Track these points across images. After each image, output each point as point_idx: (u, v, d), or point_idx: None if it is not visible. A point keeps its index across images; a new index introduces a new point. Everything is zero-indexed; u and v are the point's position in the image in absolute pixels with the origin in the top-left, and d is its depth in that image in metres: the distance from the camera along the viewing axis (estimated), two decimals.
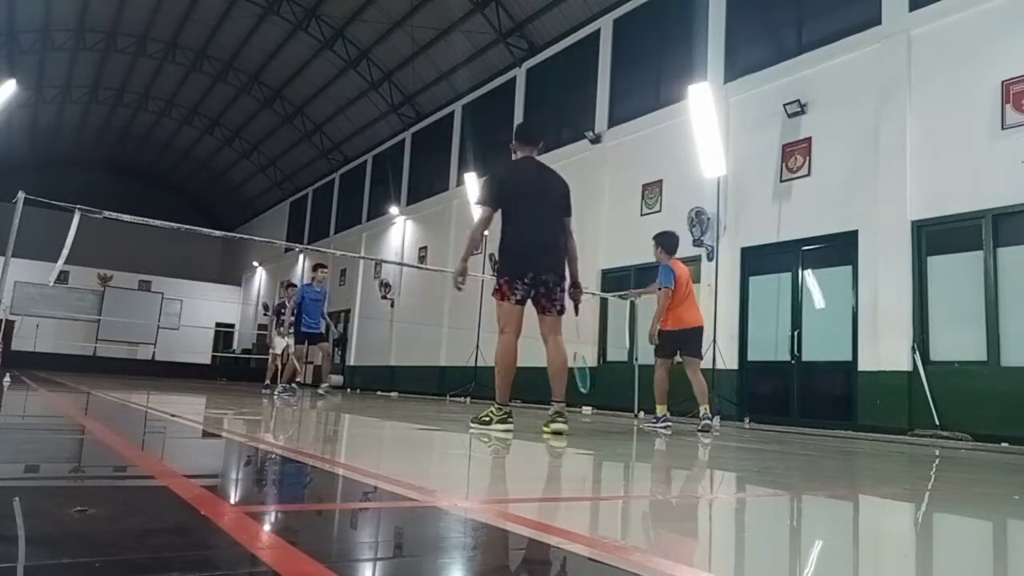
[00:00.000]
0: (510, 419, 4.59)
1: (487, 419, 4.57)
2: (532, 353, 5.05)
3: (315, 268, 11.09)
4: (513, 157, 5.00)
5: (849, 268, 9.01)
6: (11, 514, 1.41)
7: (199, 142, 29.22)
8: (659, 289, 6.56)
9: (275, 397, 9.32)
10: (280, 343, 11.28)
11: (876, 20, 9.13)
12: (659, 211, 11.71)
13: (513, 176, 4.84)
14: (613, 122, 13.13)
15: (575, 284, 4.87)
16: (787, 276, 9.75)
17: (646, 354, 11.19)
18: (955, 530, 2.15)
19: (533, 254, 4.63)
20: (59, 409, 5.32)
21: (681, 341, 6.65)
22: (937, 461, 4.78)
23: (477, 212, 4.77)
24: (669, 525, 1.86)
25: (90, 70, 23.95)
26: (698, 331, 6.74)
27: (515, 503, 1.91)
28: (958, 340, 7.87)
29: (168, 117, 27.54)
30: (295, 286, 11.50)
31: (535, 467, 3.27)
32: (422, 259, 18.46)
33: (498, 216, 4.76)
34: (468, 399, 13.87)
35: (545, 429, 4.57)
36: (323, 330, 10.79)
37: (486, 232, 4.82)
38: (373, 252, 21.00)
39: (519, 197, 4.68)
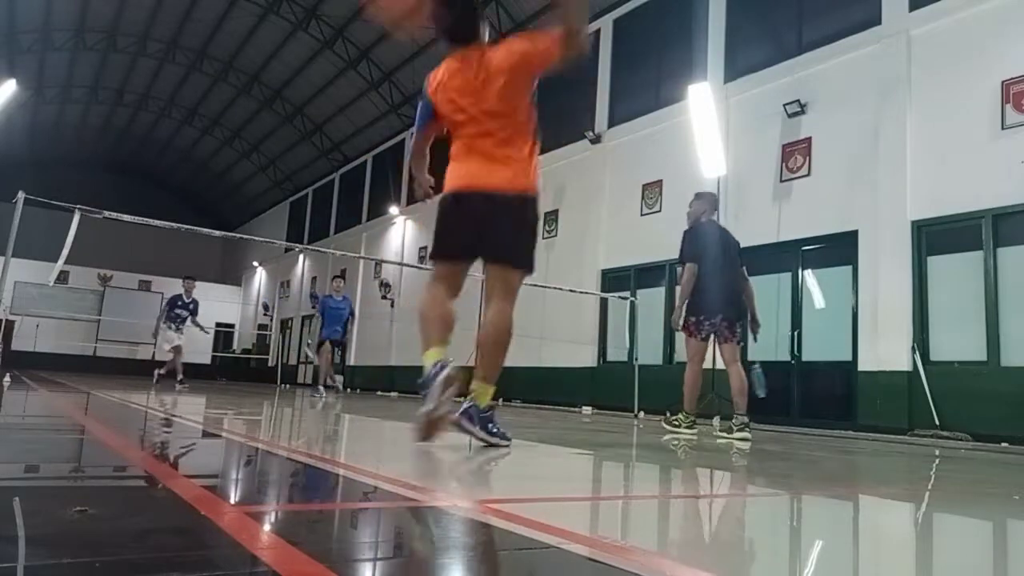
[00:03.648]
0: (695, 425, 5.78)
1: (677, 423, 5.78)
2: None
3: (333, 279, 11.97)
4: (696, 214, 6.05)
5: (849, 268, 9.01)
6: (11, 514, 1.41)
7: (199, 142, 29.20)
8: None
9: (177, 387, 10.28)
10: (173, 337, 11.63)
11: (876, 20, 9.12)
12: (659, 211, 11.70)
13: (709, 237, 5.93)
14: (613, 122, 13.12)
15: (754, 319, 5.95)
16: (787, 276, 9.74)
17: (646, 354, 11.22)
18: (955, 530, 2.15)
19: (722, 301, 5.74)
20: (59, 409, 5.32)
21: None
22: (937, 461, 4.78)
23: (686, 269, 5.76)
24: (669, 525, 1.86)
25: (90, 70, 23.94)
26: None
27: (515, 503, 1.90)
28: (958, 340, 7.87)
29: (168, 117, 27.52)
30: (192, 279, 12.81)
31: (535, 467, 3.26)
32: (422, 259, 18.44)
33: None
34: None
35: (730, 436, 5.41)
36: (343, 338, 11.23)
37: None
38: (373, 252, 20.98)
39: (711, 250, 5.82)
